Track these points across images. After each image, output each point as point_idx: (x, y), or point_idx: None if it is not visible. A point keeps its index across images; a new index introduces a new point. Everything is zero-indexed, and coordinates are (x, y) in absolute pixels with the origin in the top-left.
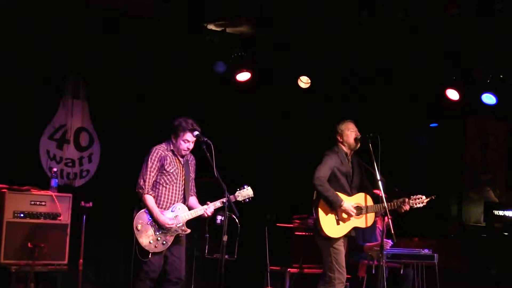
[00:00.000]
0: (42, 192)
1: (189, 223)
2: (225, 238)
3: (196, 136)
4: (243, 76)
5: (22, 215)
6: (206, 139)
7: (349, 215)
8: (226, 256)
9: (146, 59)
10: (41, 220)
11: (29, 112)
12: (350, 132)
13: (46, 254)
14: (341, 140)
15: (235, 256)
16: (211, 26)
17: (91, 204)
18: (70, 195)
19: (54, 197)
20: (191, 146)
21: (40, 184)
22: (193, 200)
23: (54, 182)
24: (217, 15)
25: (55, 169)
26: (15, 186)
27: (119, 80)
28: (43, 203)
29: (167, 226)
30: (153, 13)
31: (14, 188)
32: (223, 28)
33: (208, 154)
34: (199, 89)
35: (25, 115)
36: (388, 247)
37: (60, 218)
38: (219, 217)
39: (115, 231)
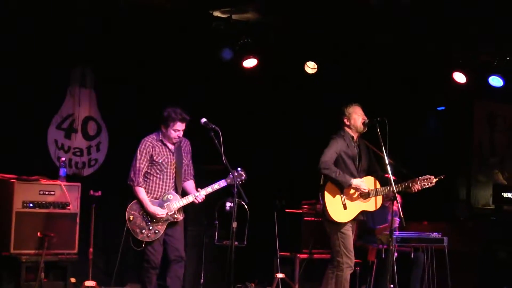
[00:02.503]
0: (51, 182)
1: (197, 209)
2: (234, 224)
3: (204, 123)
4: (250, 63)
5: (31, 205)
6: (214, 126)
7: (361, 191)
8: (236, 243)
9: (153, 47)
10: (50, 210)
11: (37, 102)
12: (357, 116)
13: (56, 244)
14: (348, 123)
15: (245, 243)
16: (217, 13)
17: (100, 193)
18: (79, 184)
19: (63, 186)
20: (181, 134)
21: (49, 173)
22: (190, 184)
23: (62, 172)
24: (223, 1)
25: (63, 159)
26: (23, 176)
27: (126, 68)
28: (52, 193)
29: (158, 216)
30: (159, 0)
31: (23, 178)
32: (229, 15)
33: (216, 141)
34: (206, 76)
35: (32, 105)
36: (397, 224)
37: (69, 207)
38: (228, 204)
39: (125, 220)
